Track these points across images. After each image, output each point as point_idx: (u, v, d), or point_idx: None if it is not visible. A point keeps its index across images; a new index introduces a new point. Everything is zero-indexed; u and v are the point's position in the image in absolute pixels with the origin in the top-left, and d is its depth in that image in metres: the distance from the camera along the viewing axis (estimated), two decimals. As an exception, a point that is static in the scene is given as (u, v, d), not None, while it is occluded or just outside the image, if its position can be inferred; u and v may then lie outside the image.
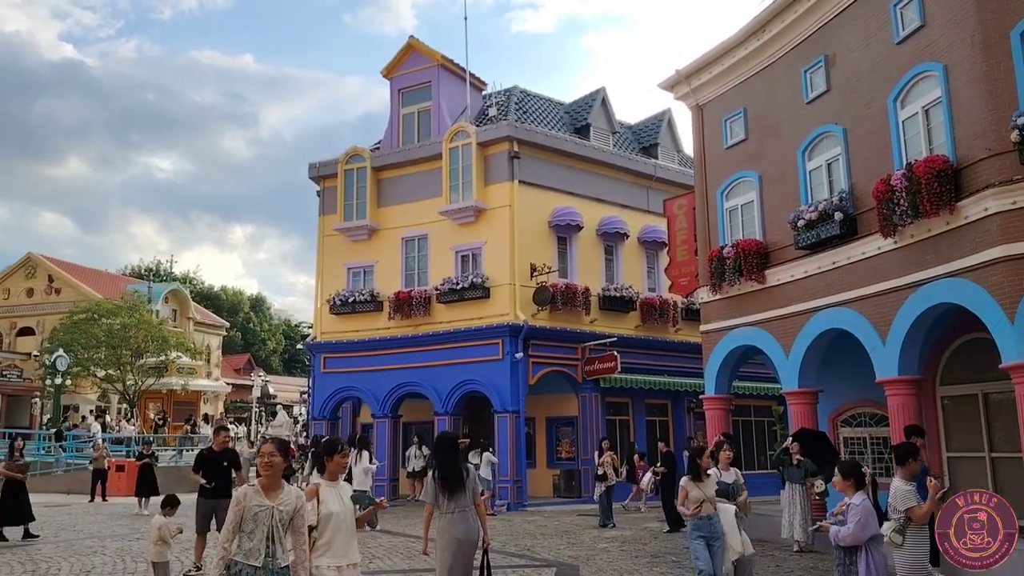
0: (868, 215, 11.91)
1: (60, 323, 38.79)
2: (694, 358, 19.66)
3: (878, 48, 12.14)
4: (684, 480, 8.21)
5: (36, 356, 40.97)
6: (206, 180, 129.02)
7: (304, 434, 30.73)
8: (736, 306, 15.09)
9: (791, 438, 13.08)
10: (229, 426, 18.33)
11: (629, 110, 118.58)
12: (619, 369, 20.29)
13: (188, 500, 10.49)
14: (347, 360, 22.58)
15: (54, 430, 29.22)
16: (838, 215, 12.39)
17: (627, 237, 22.98)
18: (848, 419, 14.86)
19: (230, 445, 11.20)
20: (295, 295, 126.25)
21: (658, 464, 16.49)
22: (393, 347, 21.71)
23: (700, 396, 16.67)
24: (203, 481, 10.24)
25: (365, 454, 15.39)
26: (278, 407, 46.59)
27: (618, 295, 22.12)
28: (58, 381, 31.39)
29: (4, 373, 44.79)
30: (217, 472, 10.29)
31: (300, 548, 5.07)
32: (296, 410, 46.97)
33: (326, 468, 5.90)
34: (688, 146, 26.11)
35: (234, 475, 10.53)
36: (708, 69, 16.15)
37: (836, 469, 6.82)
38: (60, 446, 27.68)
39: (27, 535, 13.54)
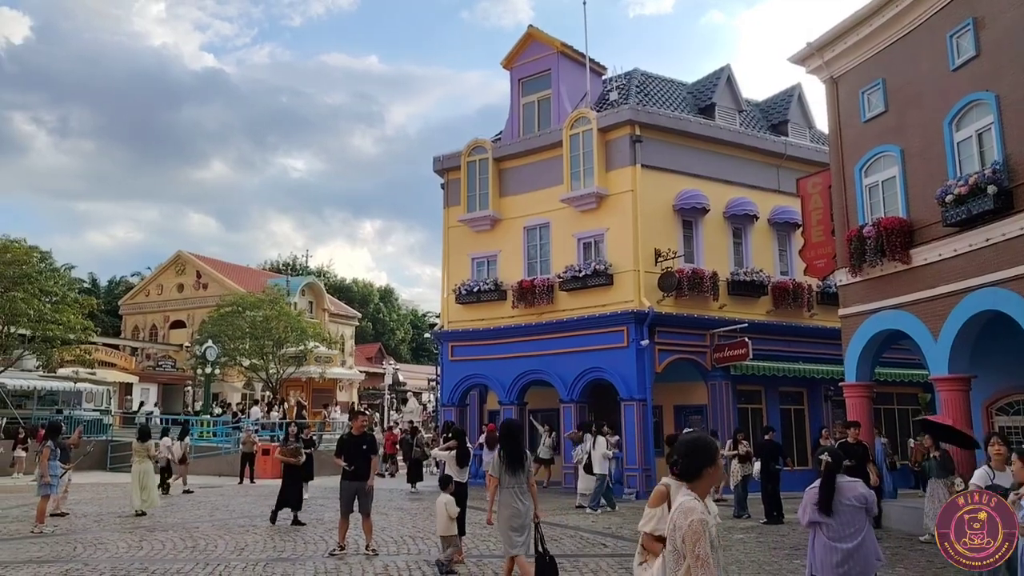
0: (1027, 187, 11.00)
1: (208, 316, 41.40)
2: (831, 344, 18.84)
3: (1037, 4, 11.15)
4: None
5: (187, 347, 44.00)
6: (337, 178, 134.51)
7: (434, 422, 31.54)
8: (878, 288, 14.31)
9: (923, 431, 12.29)
10: (366, 411, 18.92)
11: (756, 87, 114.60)
12: (750, 356, 19.65)
13: (329, 483, 10.96)
14: (473, 348, 22.97)
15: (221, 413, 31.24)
16: (991, 188, 11.52)
17: (756, 219, 22.19)
18: (1005, 407, 13.83)
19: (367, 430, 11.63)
20: (421, 286, 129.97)
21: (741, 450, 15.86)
22: (518, 335, 21.90)
23: (839, 383, 15.93)
24: (344, 465, 10.66)
25: (602, 439, 16.28)
26: (408, 394, 48.08)
27: (748, 279, 21.41)
28: (208, 371, 33.48)
29: (160, 364, 48.41)
30: (357, 456, 10.69)
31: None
32: (425, 397, 48.33)
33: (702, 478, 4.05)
34: (821, 122, 24.97)
35: (372, 458, 10.92)
36: (842, 40, 15.35)
37: (1015, 455, 6.59)
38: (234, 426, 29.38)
39: (295, 522, 13.62)
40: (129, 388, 41.71)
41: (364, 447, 10.81)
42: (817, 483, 6.23)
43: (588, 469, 16.57)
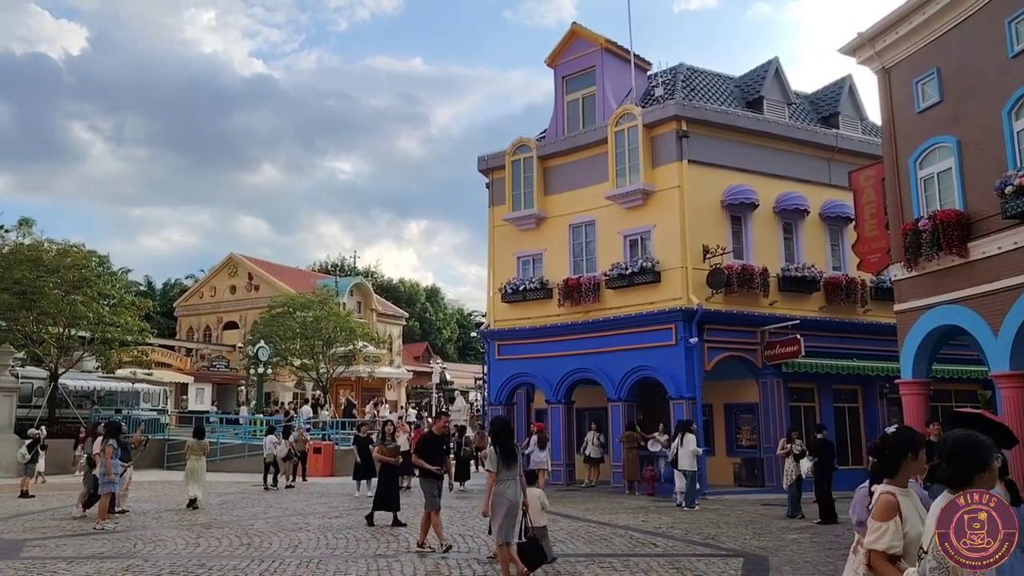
0: (1094, 176, 10.59)
1: (260, 317, 42.19)
2: (886, 340, 18.40)
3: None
4: None
5: (240, 348, 44.86)
6: (383, 179, 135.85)
7: (480, 420, 31.63)
8: (935, 283, 13.94)
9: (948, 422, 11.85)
10: (446, 412, 18.85)
11: (805, 80, 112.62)
12: (803, 353, 19.30)
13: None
14: (520, 347, 22.98)
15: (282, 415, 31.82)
16: (1055, 178, 11.11)
17: (807, 213, 21.77)
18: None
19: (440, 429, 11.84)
20: (467, 285, 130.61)
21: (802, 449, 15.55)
22: (564, 334, 21.84)
23: (895, 381, 15.55)
24: (428, 466, 10.82)
25: (690, 436, 16.61)
26: (456, 393, 48.34)
27: (799, 275, 21.03)
28: (260, 370, 34.11)
29: (214, 364, 49.45)
30: (439, 454, 10.89)
31: None
32: (472, 396, 48.54)
33: (901, 470, 4.05)
34: (873, 113, 24.42)
35: (446, 457, 11.12)
36: (894, 29, 14.98)
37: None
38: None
39: (396, 523, 13.31)
40: (185, 388, 42.69)
41: (444, 446, 11.04)
42: (868, 482, 6.15)
43: (675, 465, 17.01)
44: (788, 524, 14.20)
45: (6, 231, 32.58)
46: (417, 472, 11.41)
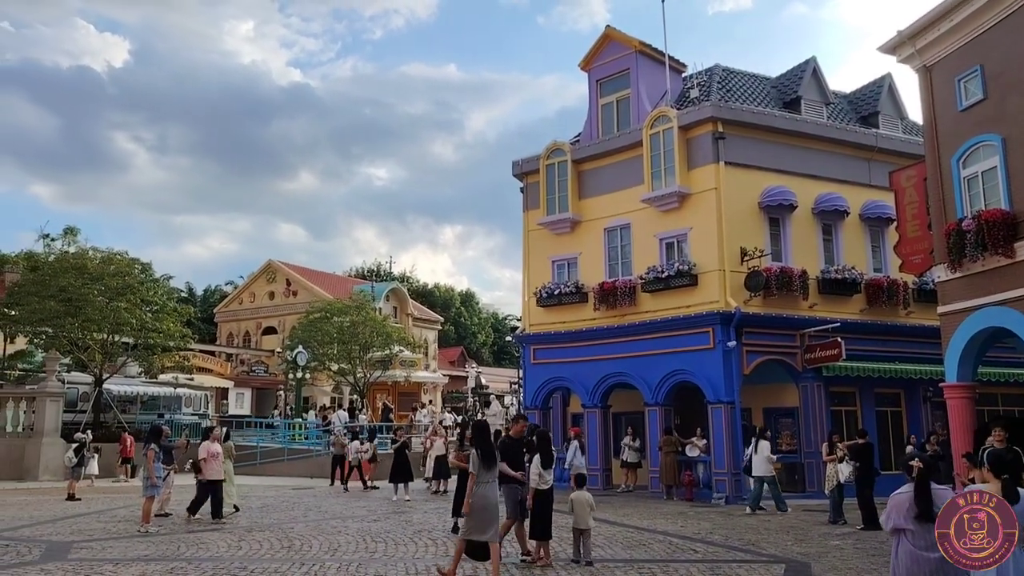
0: None
1: (298, 322, 42.65)
2: (930, 343, 18.05)
3: None
4: None
5: (279, 353, 45.38)
6: (419, 185, 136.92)
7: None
8: (980, 284, 13.63)
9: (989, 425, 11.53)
10: (525, 415, 18.72)
11: (843, 80, 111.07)
12: (843, 356, 18.99)
13: (416, 486, 11.07)
14: (555, 351, 22.94)
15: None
16: (1107, 176, 10.80)
17: (847, 214, 21.44)
18: None
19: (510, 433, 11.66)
20: (502, 290, 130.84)
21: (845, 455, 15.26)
22: (600, 337, 21.75)
23: (940, 384, 15.23)
24: (512, 472, 10.43)
25: (764, 443, 16.68)
26: (491, 397, 48.36)
27: (839, 277, 20.71)
28: (299, 375, 34.48)
29: (253, 369, 50.12)
30: (517, 458, 10.66)
31: None
32: (507, 400, 48.57)
33: None
34: (914, 112, 24.03)
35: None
36: (936, 26, 14.70)
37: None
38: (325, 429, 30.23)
39: (456, 529, 13.30)
40: (225, 392, 43.33)
41: (524, 450, 10.87)
42: (904, 488, 6.12)
43: (748, 471, 16.98)
44: (830, 530, 13.98)
45: (52, 240, 33.35)
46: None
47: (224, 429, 16.93)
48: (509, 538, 10.74)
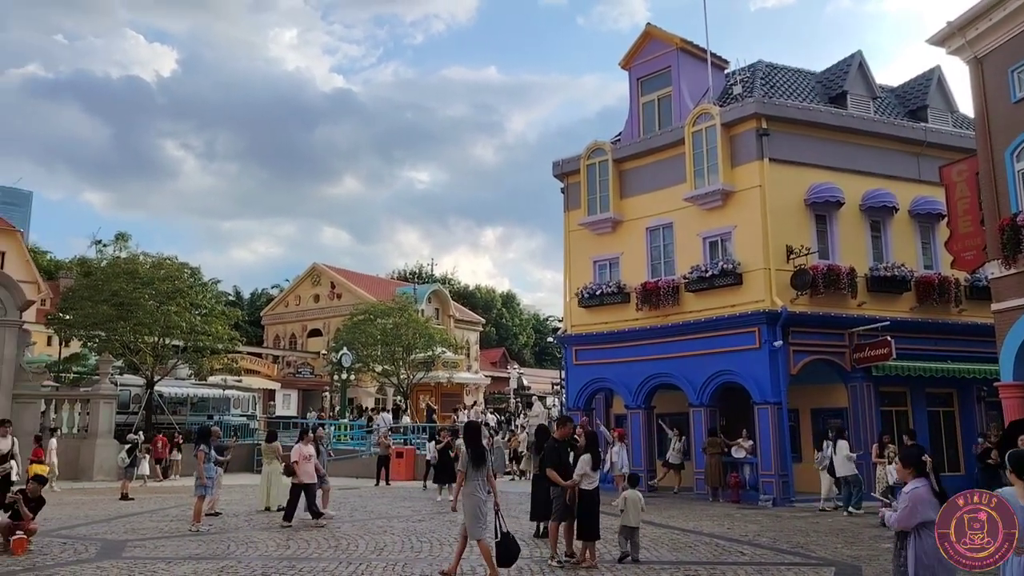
0: None
1: (342, 324, 43.21)
2: (983, 341, 17.60)
3: None
4: None
5: (324, 354, 45.97)
6: (460, 188, 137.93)
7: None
8: (1037, 281, 13.23)
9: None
10: (572, 417, 18.49)
11: (890, 74, 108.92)
12: (893, 356, 18.57)
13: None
14: (598, 352, 22.84)
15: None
16: None
17: (896, 211, 20.99)
18: None
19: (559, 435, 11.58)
20: (543, 291, 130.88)
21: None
22: (643, 338, 21.61)
23: (994, 384, 14.83)
24: (558, 478, 10.45)
25: (843, 443, 16.74)
26: (533, 398, 48.41)
27: (889, 275, 20.28)
28: (344, 376, 34.88)
29: (299, 370, 50.85)
30: (563, 461, 10.64)
31: None
32: (549, 400, 48.54)
33: None
34: (964, 105, 23.43)
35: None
36: (987, 17, 14.35)
37: (897, 457, 6.75)
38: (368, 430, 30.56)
39: (537, 533, 12.91)
40: (272, 394, 44.03)
41: (571, 452, 10.87)
42: (916, 483, 6.25)
43: (832, 472, 16.94)
44: (880, 532, 13.66)
45: (104, 246, 34.29)
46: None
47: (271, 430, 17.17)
48: (526, 537, 10.72)
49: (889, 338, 18.70)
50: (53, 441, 21.92)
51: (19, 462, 14.80)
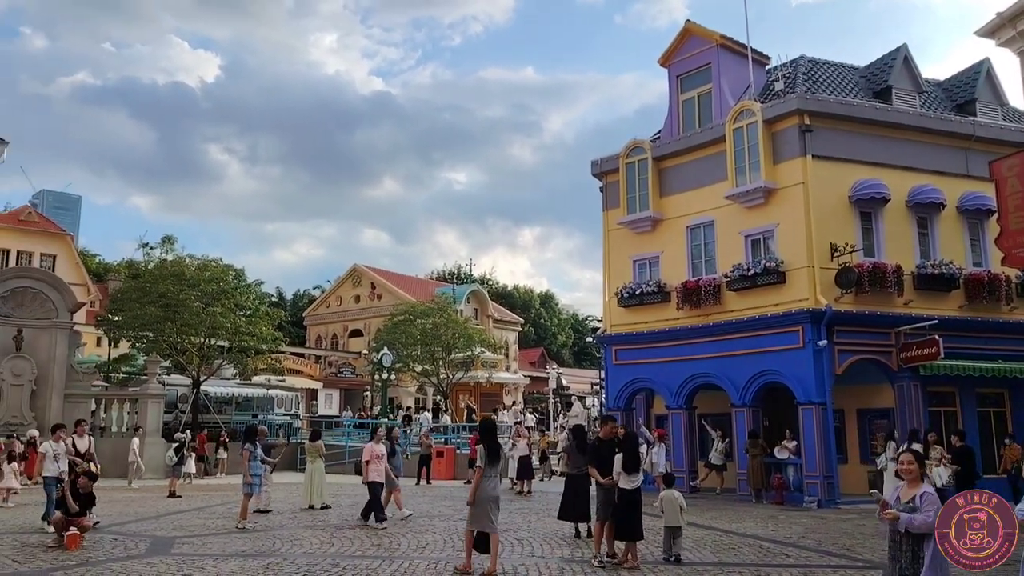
0: None
1: (383, 324, 43.61)
2: (1037, 340, 17.12)
3: None
4: None
5: (365, 355, 46.42)
6: (498, 188, 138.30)
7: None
8: (1093, 278, 12.84)
9: None
10: (615, 417, 18.26)
11: (937, 68, 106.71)
12: (942, 355, 18.17)
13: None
14: (638, 352, 22.71)
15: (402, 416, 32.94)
16: None
17: (943, 207, 20.52)
18: None
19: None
20: (581, 290, 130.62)
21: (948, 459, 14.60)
22: (683, 338, 21.43)
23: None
24: (599, 477, 10.53)
25: (917, 445, 16.18)
26: (573, 398, 48.31)
27: (936, 272, 19.85)
28: (385, 376, 35.18)
29: (341, 370, 51.41)
30: (607, 460, 10.65)
31: None
32: (589, 401, 48.41)
33: None
34: (1015, 98, 22.85)
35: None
36: (1040, 5, 13.95)
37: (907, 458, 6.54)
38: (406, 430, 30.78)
39: (577, 534, 12.93)
40: (315, 393, 44.59)
41: (616, 451, 10.86)
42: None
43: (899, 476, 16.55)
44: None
45: (151, 248, 35.01)
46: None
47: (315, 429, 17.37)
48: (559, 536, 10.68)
49: (937, 337, 18.30)
50: (136, 440, 22.51)
51: (96, 462, 15.19)
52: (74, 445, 14.33)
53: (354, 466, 16.23)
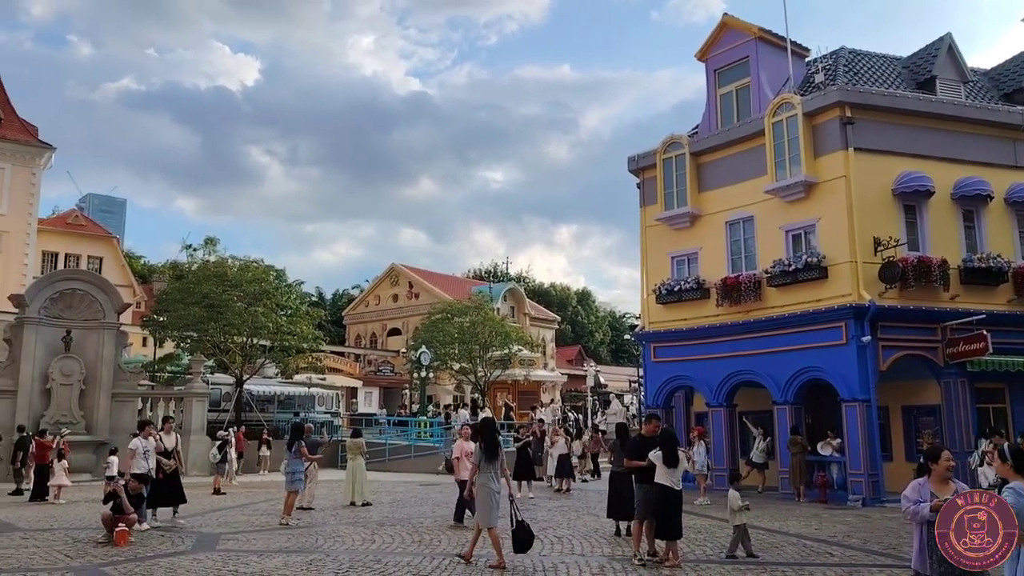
0: None
1: (421, 323, 43.88)
2: (1091, 335, 16.63)
3: None
4: None
5: (403, 353, 46.76)
6: (534, 186, 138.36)
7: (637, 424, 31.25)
8: None
9: None
10: (658, 415, 18.08)
11: (983, 57, 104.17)
12: (990, 350, 17.76)
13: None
14: (677, 349, 22.54)
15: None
16: None
17: (991, 199, 20.04)
18: None
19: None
20: (619, 288, 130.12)
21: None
22: (723, 334, 21.21)
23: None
24: (640, 464, 10.47)
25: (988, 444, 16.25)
26: (611, 396, 48.13)
27: (984, 266, 19.38)
28: (423, 374, 35.38)
29: (380, 368, 51.82)
30: (645, 455, 10.54)
31: None
32: (627, 399, 48.18)
33: None
34: (1066, 85, 22.17)
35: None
36: (1092, -11, 13.51)
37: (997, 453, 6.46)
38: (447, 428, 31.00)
39: (617, 532, 12.82)
40: (354, 392, 45.02)
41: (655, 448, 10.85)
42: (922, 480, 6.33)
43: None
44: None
45: (194, 250, 35.59)
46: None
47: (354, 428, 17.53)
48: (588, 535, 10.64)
49: (985, 332, 17.91)
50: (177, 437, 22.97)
51: (182, 460, 15.51)
52: (161, 442, 14.59)
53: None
